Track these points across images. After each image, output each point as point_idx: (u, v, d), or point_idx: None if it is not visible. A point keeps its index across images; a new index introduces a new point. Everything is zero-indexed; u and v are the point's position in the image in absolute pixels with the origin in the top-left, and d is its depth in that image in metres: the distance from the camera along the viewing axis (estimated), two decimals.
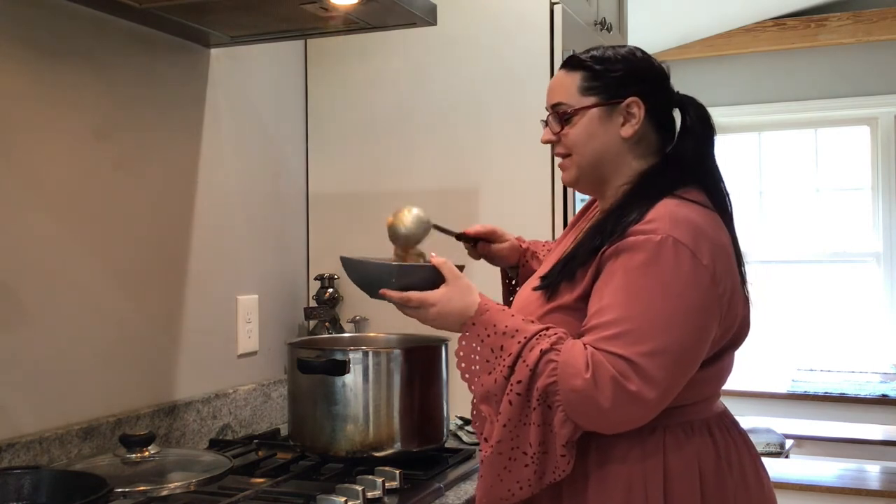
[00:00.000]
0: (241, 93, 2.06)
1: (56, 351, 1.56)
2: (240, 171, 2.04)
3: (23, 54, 1.50)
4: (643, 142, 1.36)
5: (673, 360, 1.19)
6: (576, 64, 1.39)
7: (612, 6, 2.51)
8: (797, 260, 4.87)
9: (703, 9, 4.41)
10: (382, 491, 1.46)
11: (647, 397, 1.17)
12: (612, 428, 1.22)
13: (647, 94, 1.35)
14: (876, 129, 4.72)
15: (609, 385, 1.17)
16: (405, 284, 1.35)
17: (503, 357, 1.25)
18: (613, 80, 1.35)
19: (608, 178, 1.38)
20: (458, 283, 1.34)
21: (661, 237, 1.21)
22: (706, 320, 1.23)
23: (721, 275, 1.24)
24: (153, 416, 1.73)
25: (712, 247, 1.24)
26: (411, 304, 1.34)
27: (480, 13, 2.11)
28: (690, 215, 1.26)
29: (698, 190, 1.33)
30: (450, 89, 2.14)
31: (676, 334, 1.19)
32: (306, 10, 1.63)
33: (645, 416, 1.21)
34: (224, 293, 1.98)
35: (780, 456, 3.56)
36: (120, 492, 1.26)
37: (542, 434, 1.21)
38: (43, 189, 1.54)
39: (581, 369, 1.18)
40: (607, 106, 1.35)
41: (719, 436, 1.30)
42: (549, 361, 1.21)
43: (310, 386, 1.66)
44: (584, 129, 1.37)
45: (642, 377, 1.17)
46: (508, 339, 1.25)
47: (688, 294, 1.20)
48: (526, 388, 1.22)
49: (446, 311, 1.32)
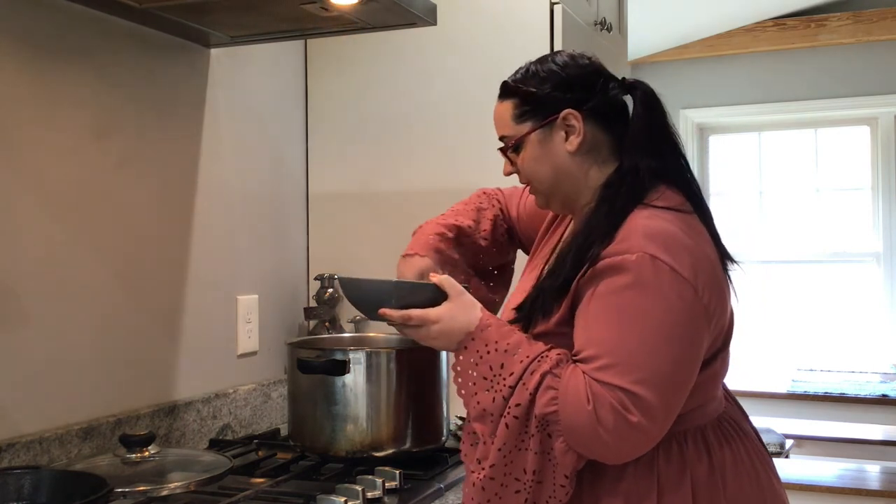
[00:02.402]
0: (241, 93, 2.06)
1: (56, 351, 1.56)
2: (240, 171, 2.04)
3: (23, 54, 1.50)
4: (598, 148, 1.31)
5: (669, 382, 1.15)
6: (505, 92, 1.36)
7: (612, 6, 2.51)
8: (797, 260, 4.87)
9: (703, 9, 4.41)
10: (382, 491, 1.46)
11: (648, 427, 1.14)
12: (616, 458, 1.18)
13: (581, 101, 1.30)
14: (876, 129, 4.72)
15: (610, 418, 1.13)
16: (406, 304, 1.29)
17: (504, 376, 1.20)
18: (542, 99, 1.31)
19: (574, 195, 1.33)
20: (461, 300, 1.28)
21: (637, 256, 1.16)
22: (695, 334, 1.18)
23: (705, 285, 1.18)
24: (153, 416, 1.73)
25: (692, 257, 1.18)
26: (412, 322, 1.28)
27: (480, 13, 2.11)
28: (664, 226, 1.20)
29: (667, 187, 1.27)
30: (450, 89, 2.14)
31: (667, 355, 1.15)
32: (306, 10, 1.63)
33: (649, 444, 1.17)
34: (224, 293, 1.98)
35: (780, 456, 3.56)
36: (120, 492, 1.26)
37: (539, 462, 1.17)
38: (43, 189, 1.54)
39: (582, 401, 1.14)
40: (544, 126, 1.31)
41: (715, 445, 1.26)
42: (548, 388, 1.16)
43: (310, 386, 1.66)
44: (530, 155, 1.33)
45: (641, 407, 1.13)
46: (510, 356, 1.21)
47: (673, 312, 1.15)
48: (525, 413, 1.17)
49: (449, 329, 1.26)
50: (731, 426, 1.31)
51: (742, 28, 4.73)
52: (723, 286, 1.24)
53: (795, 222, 4.89)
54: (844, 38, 4.57)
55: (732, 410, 1.36)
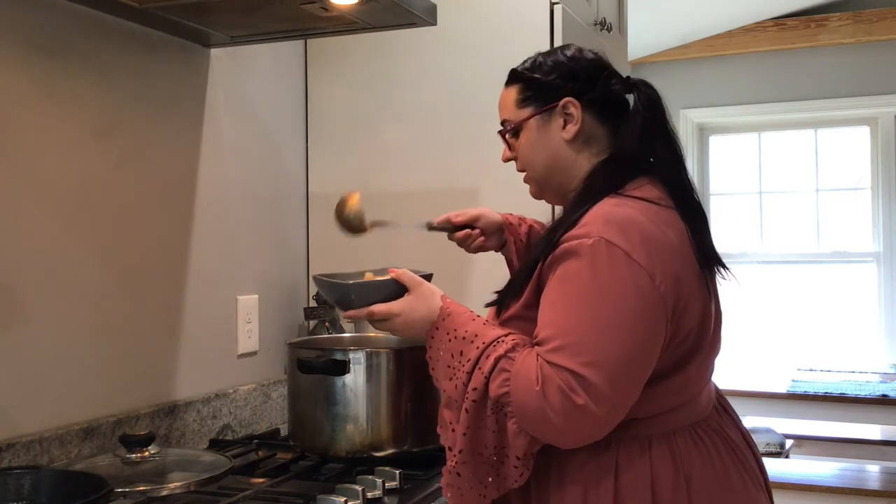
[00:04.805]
0: (241, 93, 2.06)
1: (56, 351, 1.56)
2: (239, 171, 2.04)
3: (23, 54, 1.50)
4: (593, 140, 1.34)
5: (619, 369, 1.14)
6: (512, 78, 1.40)
7: (612, 6, 2.51)
8: (797, 260, 4.87)
9: (703, 9, 4.41)
10: (382, 491, 1.46)
11: (595, 410, 1.13)
12: (566, 442, 1.18)
13: (582, 91, 1.33)
14: (876, 129, 4.72)
15: (557, 398, 1.13)
16: (371, 301, 1.34)
17: (462, 363, 1.23)
18: (545, 85, 1.35)
19: (566, 185, 1.36)
20: (419, 290, 1.33)
21: (593, 241, 1.17)
22: (650, 323, 1.17)
23: (663, 274, 1.17)
24: (153, 416, 1.73)
25: (651, 245, 1.18)
26: (375, 317, 1.33)
27: (480, 13, 2.11)
28: (627, 213, 1.21)
29: (649, 181, 1.28)
30: (450, 89, 2.14)
31: (619, 340, 1.14)
32: (306, 10, 1.63)
33: (597, 429, 1.16)
34: (224, 293, 1.98)
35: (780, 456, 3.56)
36: (120, 492, 1.26)
37: (498, 439, 1.19)
38: (43, 189, 1.54)
39: (532, 382, 1.15)
40: (543, 113, 1.34)
41: (684, 450, 1.23)
42: (501, 370, 1.18)
43: (310, 386, 1.66)
44: (528, 140, 1.37)
45: (587, 389, 1.12)
46: (468, 344, 1.23)
47: (625, 298, 1.15)
48: (481, 396, 1.19)
49: (412, 319, 1.31)
50: (707, 434, 1.28)
51: (742, 28, 4.73)
52: (691, 283, 1.22)
53: (795, 222, 4.89)
54: (844, 38, 4.57)
55: (716, 418, 1.32)
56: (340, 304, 1.40)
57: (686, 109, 4.88)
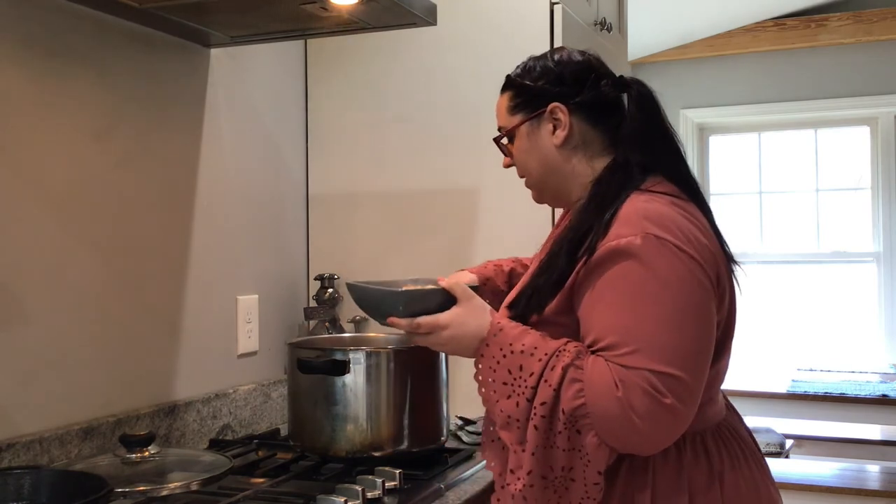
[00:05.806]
0: (241, 93, 2.06)
1: (56, 351, 1.56)
2: (240, 171, 2.04)
3: (23, 54, 1.50)
4: (587, 144, 1.33)
5: (694, 360, 1.13)
6: (505, 84, 1.40)
7: (612, 6, 2.51)
8: (797, 260, 4.87)
9: (703, 9, 4.41)
10: (382, 491, 1.46)
11: (681, 409, 1.11)
12: (649, 447, 1.15)
13: (570, 95, 1.32)
14: (876, 129, 4.72)
15: (643, 402, 1.09)
16: (415, 310, 1.27)
17: (524, 377, 1.17)
18: (533, 91, 1.34)
19: (564, 190, 1.35)
20: (470, 303, 1.27)
21: (642, 237, 1.15)
22: (711, 311, 1.17)
23: (709, 264, 1.17)
24: (153, 416, 1.73)
25: (691, 236, 1.18)
26: (421, 330, 1.27)
27: (480, 13, 2.11)
28: (661, 208, 1.19)
29: (661, 178, 1.27)
30: (450, 89, 2.14)
31: (690, 333, 1.13)
32: (306, 10, 1.63)
33: (680, 428, 1.14)
34: (224, 293, 1.98)
35: (780, 456, 3.56)
36: (120, 492, 1.26)
37: (569, 459, 1.14)
38: (43, 189, 1.54)
39: (611, 388, 1.10)
40: (532, 119, 1.34)
41: (714, 451, 1.23)
42: (573, 381, 1.13)
43: (310, 386, 1.66)
44: (520, 147, 1.37)
45: (672, 388, 1.10)
46: (528, 357, 1.17)
47: (686, 290, 1.14)
48: (550, 411, 1.14)
49: (460, 334, 1.25)
50: (729, 432, 1.29)
51: (742, 28, 4.73)
52: (726, 274, 1.23)
53: (795, 222, 4.89)
54: (844, 38, 4.57)
55: (731, 417, 1.34)
56: (381, 312, 1.31)
57: (686, 109, 4.88)
